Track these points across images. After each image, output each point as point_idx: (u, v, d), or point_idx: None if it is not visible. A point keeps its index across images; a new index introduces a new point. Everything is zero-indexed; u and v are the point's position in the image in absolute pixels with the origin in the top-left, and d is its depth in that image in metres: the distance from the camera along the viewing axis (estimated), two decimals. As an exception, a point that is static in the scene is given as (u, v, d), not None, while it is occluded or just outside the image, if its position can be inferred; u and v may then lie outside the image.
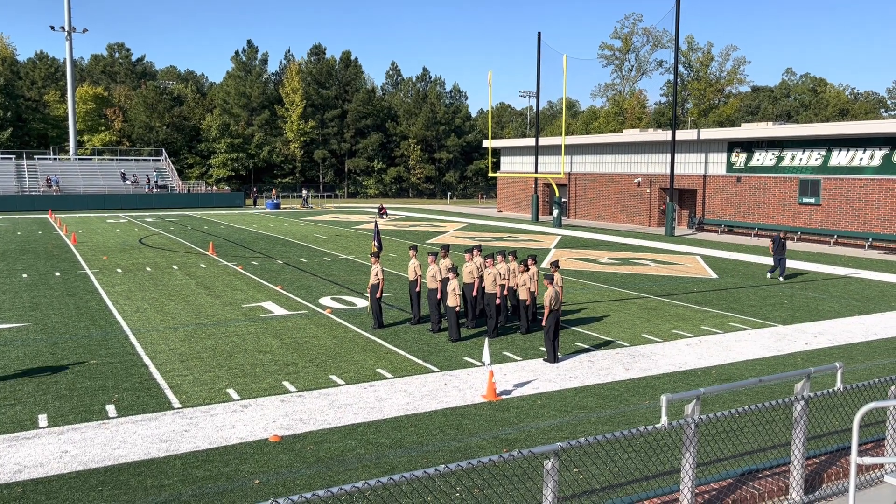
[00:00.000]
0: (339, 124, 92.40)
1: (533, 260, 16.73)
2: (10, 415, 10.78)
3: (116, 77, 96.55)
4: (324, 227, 45.23)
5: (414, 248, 17.58)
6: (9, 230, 40.10)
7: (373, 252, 17.21)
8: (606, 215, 52.02)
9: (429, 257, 16.78)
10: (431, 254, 16.83)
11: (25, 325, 16.71)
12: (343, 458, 9.46)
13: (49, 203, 57.91)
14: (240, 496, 8.35)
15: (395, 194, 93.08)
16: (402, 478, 4.53)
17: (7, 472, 8.84)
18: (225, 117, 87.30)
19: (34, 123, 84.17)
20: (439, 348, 15.06)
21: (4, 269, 25.31)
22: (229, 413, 11.07)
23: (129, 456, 9.42)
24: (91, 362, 13.61)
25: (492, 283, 15.96)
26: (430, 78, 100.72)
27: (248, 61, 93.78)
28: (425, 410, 11.34)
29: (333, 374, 13.16)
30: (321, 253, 31.06)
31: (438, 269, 16.49)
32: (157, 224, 45.47)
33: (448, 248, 17.61)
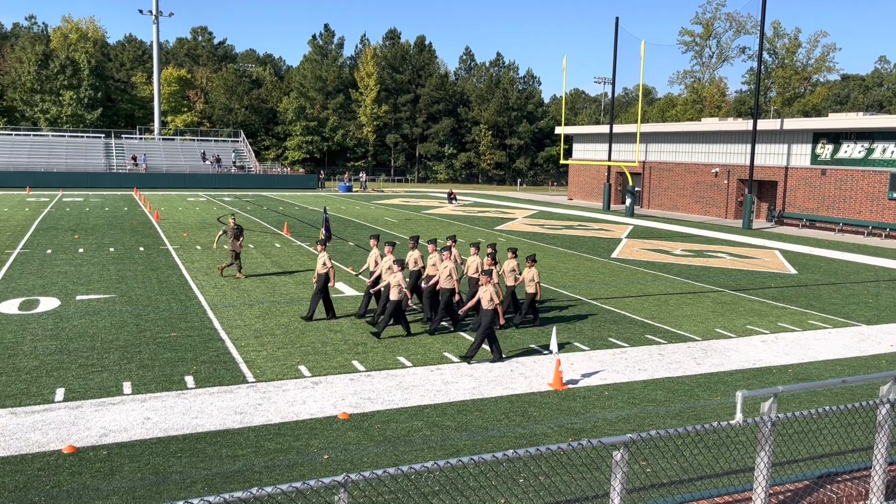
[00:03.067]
0: (411, 109, 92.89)
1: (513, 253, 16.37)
2: (98, 381, 11.36)
3: (199, 60, 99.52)
4: (394, 210, 45.69)
5: (414, 238, 16.87)
6: (98, 206, 42.03)
7: (320, 240, 16.55)
8: (681, 206, 50.76)
9: (445, 253, 15.63)
10: (445, 249, 15.89)
11: (112, 296, 17.52)
12: (409, 439, 9.60)
13: (134, 181, 60.37)
14: (309, 470, 8.59)
15: (464, 180, 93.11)
16: (469, 460, 4.57)
17: (94, 435, 9.33)
18: (301, 100, 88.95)
19: (122, 104, 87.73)
20: (507, 335, 15.06)
21: (94, 242, 26.57)
22: (300, 389, 11.37)
23: (206, 426, 9.79)
24: (171, 335, 14.19)
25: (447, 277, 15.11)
26: (503, 63, 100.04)
27: (325, 45, 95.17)
28: (491, 396, 11.38)
29: (401, 355, 13.33)
30: (391, 236, 31.40)
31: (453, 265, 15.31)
32: (235, 203, 46.82)
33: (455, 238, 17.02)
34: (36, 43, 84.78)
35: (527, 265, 15.65)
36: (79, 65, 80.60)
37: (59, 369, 11.85)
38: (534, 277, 15.49)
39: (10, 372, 11.62)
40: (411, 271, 16.45)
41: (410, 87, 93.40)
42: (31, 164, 60.40)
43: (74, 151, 65.25)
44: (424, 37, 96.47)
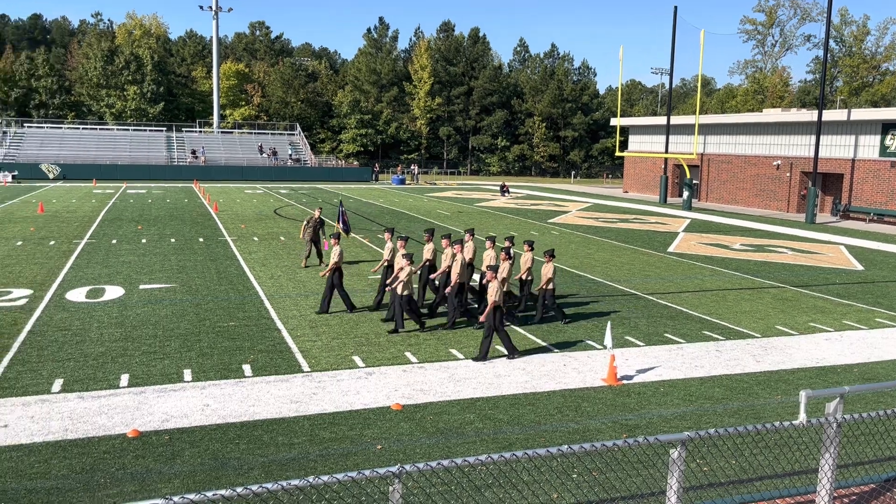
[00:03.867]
0: (464, 101, 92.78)
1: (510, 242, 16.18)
2: (160, 368, 11.71)
3: (257, 54, 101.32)
4: (447, 203, 45.75)
5: (429, 231, 16.52)
6: (159, 198, 43.27)
7: (333, 234, 16.42)
8: (740, 199, 49.48)
9: (455, 246, 15.05)
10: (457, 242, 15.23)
11: (173, 286, 18.02)
12: (461, 431, 9.61)
13: (194, 173, 61.91)
14: (363, 459, 8.68)
15: (517, 172, 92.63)
16: (524, 454, 4.55)
17: (156, 421, 9.62)
18: (356, 94, 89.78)
19: (183, 98, 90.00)
20: (559, 329, 14.94)
21: (156, 233, 27.36)
22: (354, 379, 11.50)
23: (263, 413, 9.99)
24: (230, 324, 14.51)
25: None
26: (557, 54, 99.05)
27: (380, 38, 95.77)
28: (543, 390, 11.31)
29: (453, 347, 13.35)
30: (443, 229, 31.46)
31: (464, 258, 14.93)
32: (291, 196, 47.58)
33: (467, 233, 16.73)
34: (102, 39, 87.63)
35: (545, 260, 15.33)
36: (142, 60, 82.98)
37: (124, 356, 12.25)
38: (548, 273, 15.11)
39: (78, 358, 12.07)
40: (422, 265, 16.31)
41: (464, 79, 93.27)
42: (97, 157, 62.51)
43: (138, 145, 67.26)
44: (478, 29, 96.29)
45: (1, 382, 10.79)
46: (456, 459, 4.33)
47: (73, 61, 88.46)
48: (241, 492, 3.97)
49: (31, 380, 10.94)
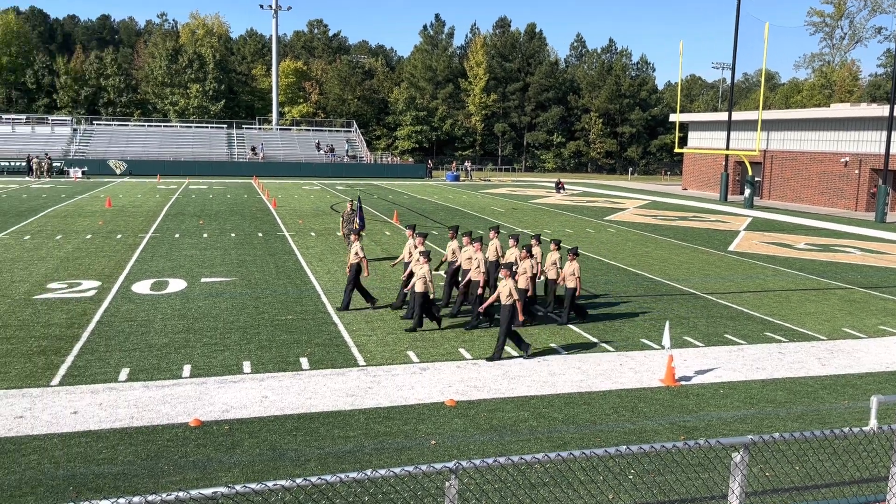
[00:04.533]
0: (520, 97, 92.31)
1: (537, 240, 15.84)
2: (220, 360, 12.00)
3: (314, 52, 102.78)
4: (501, 200, 45.62)
5: (453, 228, 16.37)
6: (220, 193, 44.33)
7: (353, 230, 16.25)
8: (805, 197, 47.94)
9: (475, 244, 14.65)
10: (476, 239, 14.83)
11: (233, 279, 18.44)
12: (515, 429, 9.58)
13: (253, 169, 63.21)
14: (417, 454, 8.73)
15: (573, 169, 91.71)
16: (581, 454, 4.50)
17: (217, 411, 9.86)
18: (411, 91, 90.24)
19: (243, 96, 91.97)
20: (615, 328, 14.75)
21: (216, 228, 28.05)
22: (409, 374, 11.57)
23: (319, 406, 10.14)
24: (288, 317, 14.77)
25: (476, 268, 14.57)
26: (615, 49, 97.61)
27: (436, 35, 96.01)
28: (599, 389, 11.18)
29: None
30: (498, 225, 31.37)
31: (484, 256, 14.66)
32: (347, 192, 48.15)
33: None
34: (167, 39, 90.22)
35: (568, 258, 14.97)
36: (205, 59, 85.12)
37: (186, 347, 12.60)
38: (574, 272, 14.75)
39: (143, 348, 12.46)
40: (448, 262, 16.08)
41: (520, 75, 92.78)
42: (161, 154, 64.40)
43: (200, 141, 69.03)
44: (535, 24, 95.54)
45: (71, 370, 11.23)
46: (512, 457, 4.31)
47: (140, 61, 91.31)
48: (300, 483, 4.04)
49: (100, 368, 11.35)
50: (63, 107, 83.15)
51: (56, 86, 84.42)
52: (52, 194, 40.63)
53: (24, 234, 24.94)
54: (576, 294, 14.81)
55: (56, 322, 13.88)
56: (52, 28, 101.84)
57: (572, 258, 14.81)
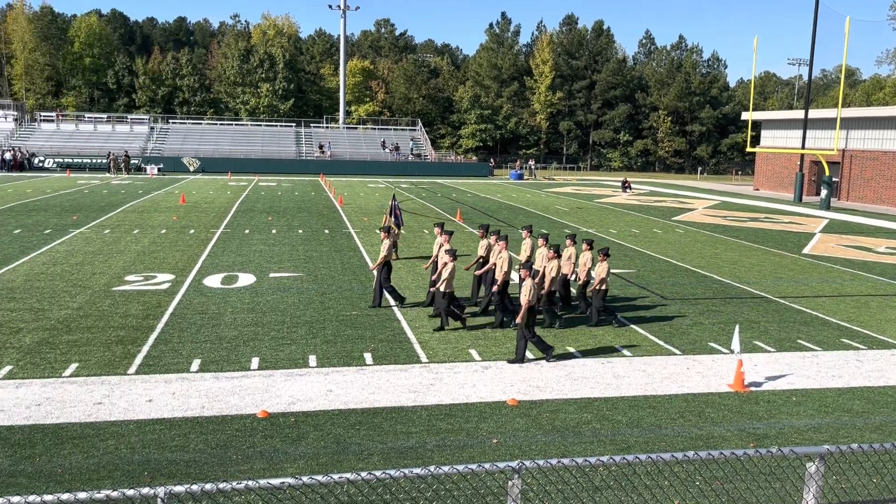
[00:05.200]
0: (586, 95, 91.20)
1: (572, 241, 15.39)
2: (287, 353, 12.27)
3: (381, 51, 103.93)
4: (565, 199, 45.18)
5: (484, 227, 16.15)
6: (288, 190, 45.29)
7: (383, 227, 16.06)
8: (887, 199, 45.84)
9: (501, 242, 14.37)
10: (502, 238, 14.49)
11: (300, 275, 18.82)
12: (578, 430, 9.48)
13: (320, 167, 64.33)
14: (479, 452, 8.74)
15: (640, 168, 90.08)
16: (647, 458, 4.42)
17: (283, 403, 10.09)
18: (476, 89, 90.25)
19: (311, 95, 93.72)
20: (682, 331, 14.43)
21: (284, 224, 28.67)
22: (471, 372, 11.58)
23: (382, 401, 10.26)
24: (352, 313, 14.99)
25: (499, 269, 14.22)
26: (685, 46, 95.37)
27: (501, 33, 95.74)
28: (664, 393, 10.96)
29: (571, 345, 13.18)
30: (562, 225, 31.10)
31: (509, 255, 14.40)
32: (411, 190, 48.51)
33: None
34: (239, 40, 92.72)
35: (599, 259, 14.61)
36: (275, 59, 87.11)
37: (255, 340, 12.92)
38: (603, 272, 14.36)
39: (213, 340, 12.85)
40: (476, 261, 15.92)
41: (586, 73, 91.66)
42: (232, 152, 66.20)
43: (269, 140, 70.67)
44: (602, 22, 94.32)
45: (147, 360, 11.67)
46: (576, 458, 4.27)
47: (213, 61, 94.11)
48: (365, 476, 4.09)
49: (173, 359, 11.76)
50: (141, 106, 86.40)
51: (135, 86, 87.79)
52: (130, 190, 42.29)
53: (104, 228, 26.03)
54: (604, 295, 14.48)
55: (133, 313, 14.44)
56: (131, 30, 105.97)
57: (602, 258, 14.52)
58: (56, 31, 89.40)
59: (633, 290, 18.07)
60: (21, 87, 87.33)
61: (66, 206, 32.88)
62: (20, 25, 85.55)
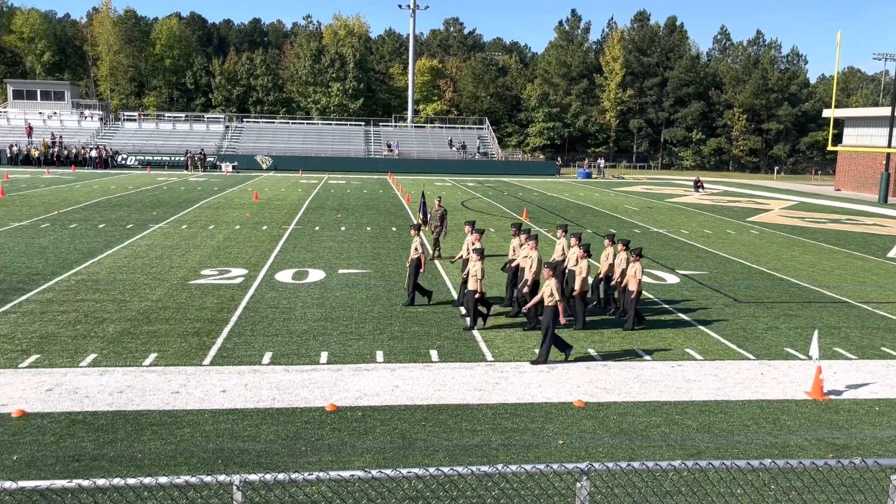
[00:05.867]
0: (657, 93, 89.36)
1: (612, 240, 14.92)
2: (355, 348, 12.46)
3: (450, 50, 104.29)
4: (635, 198, 44.39)
5: (516, 226, 15.97)
6: (357, 188, 45.97)
7: (414, 224, 15.84)
8: (981, 200, 43.32)
9: (530, 242, 14.21)
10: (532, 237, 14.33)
11: (368, 271, 19.08)
12: (646, 434, 9.30)
13: (388, 165, 65.05)
14: (544, 453, 8.68)
15: (713, 167, 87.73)
16: (720, 464, 4.30)
17: (351, 397, 10.25)
18: (544, 87, 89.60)
19: (381, 94, 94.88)
20: (756, 335, 13.98)
21: (353, 222, 29.12)
22: (536, 373, 11.51)
23: (448, 398, 10.30)
24: (419, 310, 15.10)
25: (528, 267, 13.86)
26: (763, 41, 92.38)
27: (571, 31, 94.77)
28: (737, 399, 10.64)
29: (639, 347, 12.95)
30: (631, 224, 30.57)
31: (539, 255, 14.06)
32: (477, 189, 48.54)
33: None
34: (311, 40, 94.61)
35: (631, 259, 14.12)
36: (345, 58, 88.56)
37: (324, 334, 13.17)
38: (636, 273, 13.85)
39: (284, 334, 13.15)
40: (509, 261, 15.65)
41: (658, 70, 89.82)
42: (303, 150, 67.61)
43: (339, 138, 71.86)
44: (675, 18, 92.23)
45: (221, 352, 12.04)
46: (647, 462, 4.19)
47: (286, 61, 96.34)
48: (433, 472, 4.12)
49: (245, 351, 12.09)
50: (217, 105, 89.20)
51: (211, 86, 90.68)
52: (206, 187, 43.70)
53: (181, 224, 26.98)
54: (637, 297, 14.00)
55: (208, 306, 14.92)
56: (209, 32, 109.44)
57: (635, 259, 14.07)
58: (139, 34, 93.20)
59: (704, 292, 17.62)
60: (106, 88, 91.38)
61: (147, 202, 34.23)
62: (105, 28, 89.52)
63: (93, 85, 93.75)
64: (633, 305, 14.02)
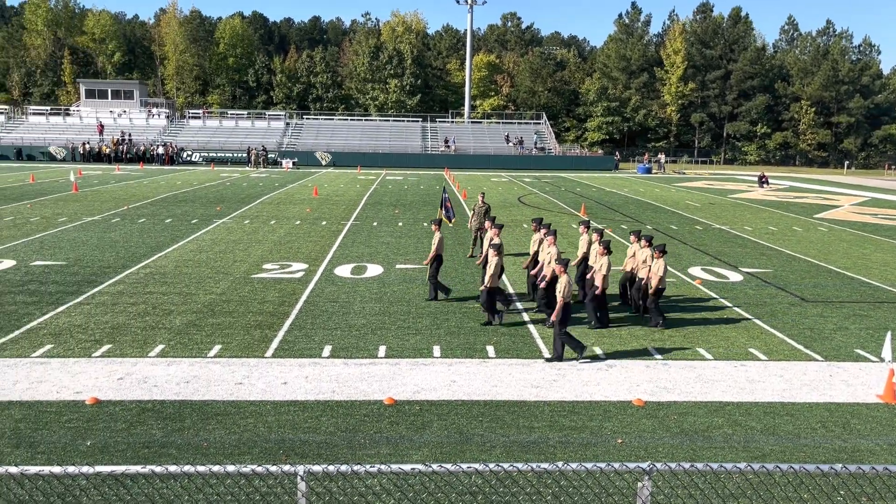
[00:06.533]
0: (720, 86, 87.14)
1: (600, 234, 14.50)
2: (412, 343, 12.56)
3: (507, 45, 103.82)
4: (696, 194, 43.43)
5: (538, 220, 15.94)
6: (414, 184, 46.25)
7: (434, 220, 15.61)
8: None
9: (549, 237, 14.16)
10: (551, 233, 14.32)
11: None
12: (708, 435, 9.12)
13: (445, 161, 65.21)
14: (603, 451, 8.60)
15: (778, 162, 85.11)
16: (789, 468, 4.20)
17: (409, 391, 10.34)
18: (603, 81, 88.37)
19: (438, 90, 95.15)
20: (825, 335, 13.53)
21: (410, 217, 29.32)
22: (595, 370, 11.41)
23: (504, 394, 10.30)
24: (476, 305, 15.11)
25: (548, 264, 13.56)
26: (833, 31, 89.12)
27: (631, 24, 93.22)
28: (804, 401, 10.33)
29: (701, 346, 12.69)
30: (692, 221, 29.94)
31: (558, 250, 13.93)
32: (534, 184, 48.24)
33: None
34: (369, 37, 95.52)
35: (654, 256, 13.68)
36: (403, 55, 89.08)
37: (382, 329, 13.32)
38: (658, 270, 13.43)
39: (343, 328, 13.35)
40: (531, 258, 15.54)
41: (721, 62, 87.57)
42: (361, 146, 68.36)
43: (397, 134, 72.40)
44: (740, 8, 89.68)
45: (282, 344, 12.30)
46: (711, 464, 4.12)
47: (345, 58, 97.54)
48: (493, 468, 4.14)
49: (306, 344, 12.33)
50: (278, 103, 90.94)
51: (272, 83, 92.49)
52: (267, 183, 44.62)
53: (244, 219, 27.64)
54: (658, 295, 13.65)
55: (270, 299, 15.26)
56: (270, 31, 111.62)
57: (658, 255, 13.67)
58: (203, 34, 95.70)
59: (769, 291, 17.14)
60: (172, 87, 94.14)
61: (211, 197, 35.16)
62: (172, 29, 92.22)
63: (160, 84, 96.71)
64: (655, 303, 13.76)
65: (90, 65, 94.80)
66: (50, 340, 12.21)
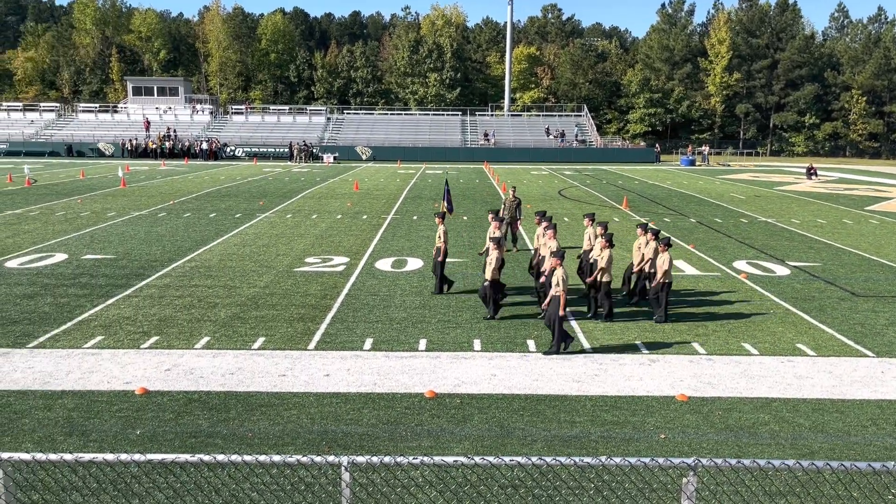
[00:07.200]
0: (767, 75, 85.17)
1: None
2: (453, 336, 12.58)
3: (548, 37, 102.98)
4: (742, 186, 42.59)
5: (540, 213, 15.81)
6: (454, 178, 46.25)
7: (439, 213, 15.37)
8: None
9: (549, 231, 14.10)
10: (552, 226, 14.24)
11: (465, 260, 19.20)
12: (754, 431, 8.96)
13: (484, 154, 65.08)
14: (645, 447, 8.52)
15: (827, 153, 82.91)
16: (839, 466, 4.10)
17: (449, 384, 10.37)
18: (646, 72, 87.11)
19: (477, 83, 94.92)
20: (876, 331, 13.17)
21: (450, 211, 29.35)
22: (637, 365, 11.29)
23: (546, 389, 10.26)
24: (515, 300, 15.08)
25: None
26: (885, 18, 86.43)
27: (674, 14, 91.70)
28: (854, 398, 10.08)
29: (746, 341, 12.46)
30: (737, 214, 29.37)
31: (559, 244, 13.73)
32: (575, 177, 47.85)
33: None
34: (409, 31, 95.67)
35: (659, 249, 13.38)
36: (443, 49, 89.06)
37: (422, 322, 13.38)
38: (664, 263, 13.11)
39: (384, 321, 13.45)
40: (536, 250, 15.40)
41: (767, 51, 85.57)
42: (401, 140, 68.60)
43: (436, 128, 72.47)
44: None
45: (324, 337, 12.44)
46: (758, 460, 4.04)
47: (385, 53, 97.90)
48: (535, 461, 4.13)
49: (347, 337, 12.45)
50: (319, 98, 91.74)
51: (313, 79, 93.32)
52: (308, 177, 45.10)
53: (286, 213, 27.99)
54: (665, 289, 13.36)
55: (312, 293, 15.44)
56: (311, 26, 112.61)
57: (664, 249, 13.38)
58: (246, 30, 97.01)
59: (817, 285, 16.75)
60: (216, 83, 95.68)
61: (254, 192, 35.68)
62: (215, 26, 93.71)
63: (203, 80, 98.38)
64: (663, 297, 13.49)
65: (137, 62, 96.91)
66: (101, 332, 12.55)
